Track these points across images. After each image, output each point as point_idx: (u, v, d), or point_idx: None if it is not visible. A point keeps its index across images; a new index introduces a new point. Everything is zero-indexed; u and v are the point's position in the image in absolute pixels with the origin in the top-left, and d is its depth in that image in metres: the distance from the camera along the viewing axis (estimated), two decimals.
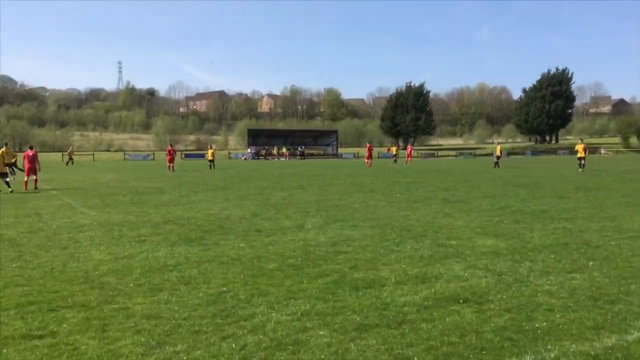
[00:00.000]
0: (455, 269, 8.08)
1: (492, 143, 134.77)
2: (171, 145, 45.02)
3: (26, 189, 23.41)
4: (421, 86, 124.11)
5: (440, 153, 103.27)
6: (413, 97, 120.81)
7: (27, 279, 7.76)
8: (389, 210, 15.14)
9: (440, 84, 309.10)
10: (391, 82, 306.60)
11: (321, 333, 5.46)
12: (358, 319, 5.87)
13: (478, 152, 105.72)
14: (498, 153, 44.86)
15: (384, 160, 69.58)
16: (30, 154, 24.83)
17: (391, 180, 28.60)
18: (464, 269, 8.08)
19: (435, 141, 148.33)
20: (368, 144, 53.75)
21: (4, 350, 5.05)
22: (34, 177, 24.41)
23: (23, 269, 8.40)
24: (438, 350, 5.05)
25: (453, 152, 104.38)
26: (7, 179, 23.08)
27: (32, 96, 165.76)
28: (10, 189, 21.96)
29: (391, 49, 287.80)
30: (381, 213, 14.62)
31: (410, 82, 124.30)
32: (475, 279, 7.53)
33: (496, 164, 43.73)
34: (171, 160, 41.22)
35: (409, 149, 58.96)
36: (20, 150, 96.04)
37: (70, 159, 57.07)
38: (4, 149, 30.73)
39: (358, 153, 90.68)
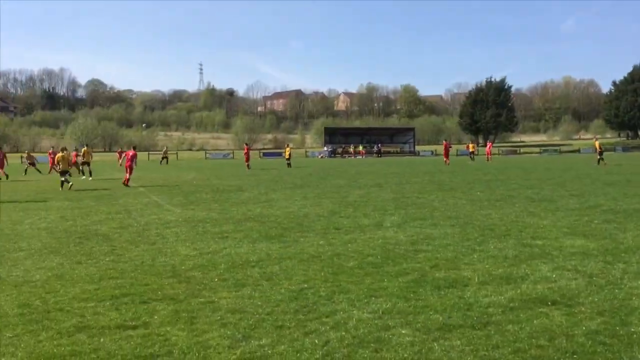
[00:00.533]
0: (543, 270, 7.80)
1: (579, 139, 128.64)
2: (247, 144, 46.42)
3: (127, 184, 25.24)
4: (502, 81, 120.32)
5: (522, 150, 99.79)
6: (494, 93, 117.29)
7: (119, 272, 8.18)
8: (470, 209, 14.81)
9: (522, 78, 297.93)
10: (470, 78, 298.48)
11: (403, 332, 5.42)
12: (441, 318, 5.79)
13: (564, 148, 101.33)
14: (598, 148, 42.24)
15: (463, 157, 68.05)
16: (131, 154, 26.54)
17: (471, 178, 27.96)
18: (552, 270, 7.78)
19: (517, 138, 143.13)
20: (445, 142, 52.79)
21: (102, 340, 5.34)
22: (129, 176, 25.89)
23: (116, 262, 8.86)
24: (526, 353, 4.88)
25: (536, 149, 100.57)
26: (83, 177, 24.44)
27: (120, 98, 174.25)
28: (70, 184, 23.50)
29: (470, 43, 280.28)
30: (461, 211, 14.32)
31: (491, 77, 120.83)
32: (564, 280, 7.23)
33: (599, 160, 41.10)
34: (248, 159, 42.34)
35: (488, 146, 57.36)
36: (110, 150, 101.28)
37: (165, 157, 59.04)
38: (85, 148, 32.76)
39: (436, 150, 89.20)
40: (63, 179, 24.15)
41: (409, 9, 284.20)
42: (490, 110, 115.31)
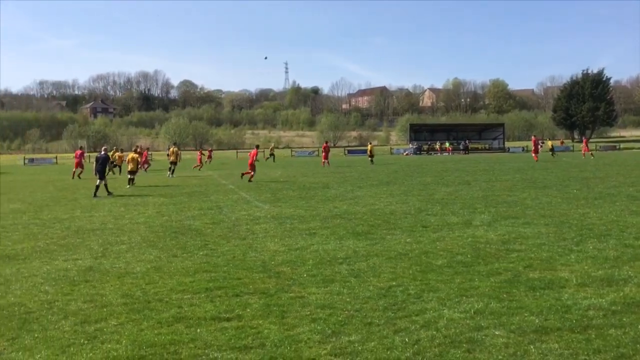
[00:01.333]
0: None
1: None
2: (326, 142, 47.19)
3: (250, 180, 26.55)
4: (600, 73, 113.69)
5: (622, 145, 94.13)
6: (590, 85, 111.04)
7: (213, 265, 8.49)
8: (566, 207, 14.16)
9: (622, 69, 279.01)
10: (564, 70, 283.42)
11: (497, 333, 5.27)
12: (537, 320, 5.58)
13: None
14: None
15: (557, 153, 65.10)
16: (254, 152, 28.55)
17: (566, 175, 26.70)
18: None
19: (616, 133, 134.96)
20: (533, 137, 50.84)
21: (198, 330, 5.57)
22: (251, 173, 27.32)
23: (209, 256, 9.20)
24: (630, 358, 4.62)
25: (638, 145, 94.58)
26: (171, 176, 25.45)
27: (210, 98, 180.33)
28: (128, 186, 24.62)
29: (564, 34, 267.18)
30: (556, 210, 13.72)
31: (587, 69, 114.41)
32: None
33: None
34: (326, 157, 42.68)
35: (584, 142, 54.64)
36: (200, 148, 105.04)
37: (272, 154, 58.96)
38: (172, 147, 34.14)
39: (527, 147, 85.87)
40: (130, 177, 25.57)
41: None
42: (586, 104, 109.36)
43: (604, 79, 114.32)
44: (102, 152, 22.22)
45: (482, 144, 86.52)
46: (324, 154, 43.25)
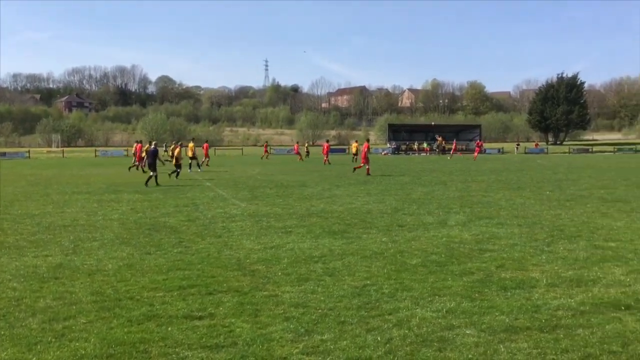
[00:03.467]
0: (616, 273, 7.48)
1: None
2: (327, 141, 47.71)
3: (368, 174, 27.37)
4: (574, 77, 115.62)
5: (595, 148, 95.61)
6: (565, 89, 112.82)
7: (187, 263, 8.42)
8: (538, 209, 14.36)
9: (596, 74, 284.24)
10: (540, 74, 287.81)
11: (468, 332, 5.32)
12: (507, 320, 5.65)
13: None
14: None
15: (530, 155, 66.02)
16: (367, 146, 29.48)
17: (540, 177, 27.07)
18: (626, 274, 7.45)
19: (590, 136, 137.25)
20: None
21: (169, 329, 5.52)
22: (367, 166, 27.87)
23: (183, 254, 9.13)
24: (597, 358, 4.71)
25: (610, 148, 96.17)
26: (199, 171, 25.45)
27: (188, 95, 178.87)
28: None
29: (541, 38, 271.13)
30: (529, 211, 13.90)
31: (562, 73, 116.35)
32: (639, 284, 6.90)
33: None
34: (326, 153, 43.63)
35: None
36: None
37: (307, 152, 56.74)
38: (191, 143, 34.91)
39: (503, 148, 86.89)
40: (179, 170, 26.40)
41: (476, 3, 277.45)
42: (561, 107, 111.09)
43: (578, 82, 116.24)
44: (153, 147, 24.31)
45: (459, 144, 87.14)
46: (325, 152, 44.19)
